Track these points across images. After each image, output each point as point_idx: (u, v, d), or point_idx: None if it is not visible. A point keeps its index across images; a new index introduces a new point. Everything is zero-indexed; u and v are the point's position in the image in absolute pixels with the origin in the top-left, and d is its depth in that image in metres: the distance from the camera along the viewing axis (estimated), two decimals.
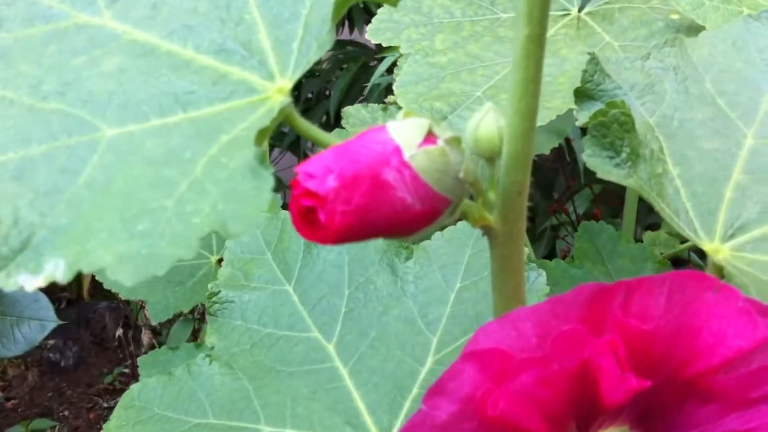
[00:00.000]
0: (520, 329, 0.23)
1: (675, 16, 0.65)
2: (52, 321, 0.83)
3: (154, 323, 1.12)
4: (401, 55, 0.67)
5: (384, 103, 1.00)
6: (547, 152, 0.79)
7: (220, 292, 0.50)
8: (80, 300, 1.81)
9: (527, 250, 0.59)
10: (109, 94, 0.24)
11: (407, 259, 0.51)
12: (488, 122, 0.25)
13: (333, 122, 1.66)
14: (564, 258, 0.76)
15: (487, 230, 0.26)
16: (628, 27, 0.65)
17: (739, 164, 0.32)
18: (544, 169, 1.44)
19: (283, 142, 1.77)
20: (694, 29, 0.60)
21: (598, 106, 0.33)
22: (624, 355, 0.22)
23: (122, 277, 0.20)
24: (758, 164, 0.32)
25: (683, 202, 0.31)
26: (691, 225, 0.30)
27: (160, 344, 1.64)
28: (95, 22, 0.26)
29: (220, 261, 0.73)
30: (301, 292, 0.50)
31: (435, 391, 0.22)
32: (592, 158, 0.30)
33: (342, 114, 1.06)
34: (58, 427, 1.69)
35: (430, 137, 0.22)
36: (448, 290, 0.51)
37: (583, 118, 0.33)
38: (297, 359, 0.49)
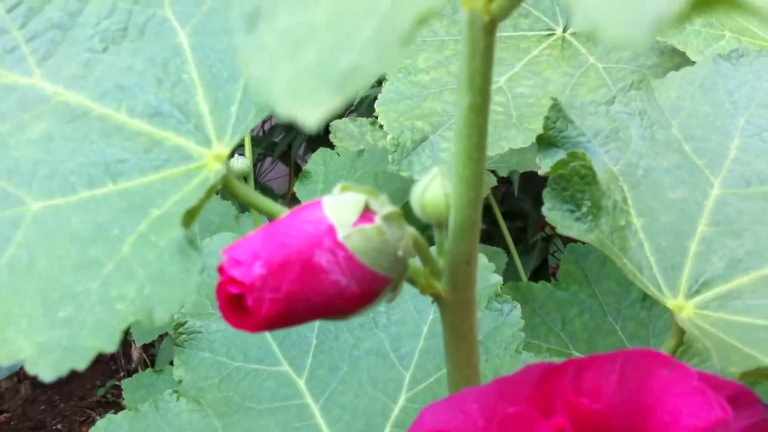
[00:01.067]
0: (467, 411, 0.22)
1: (659, 38, 0.65)
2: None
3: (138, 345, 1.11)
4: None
5: (374, 117, 0.99)
6: (536, 168, 0.78)
7: (186, 321, 0.49)
8: None
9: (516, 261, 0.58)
10: (35, 163, 0.23)
11: None
12: (434, 188, 0.24)
13: (323, 135, 1.65)
14: (554, 273, 0.75)
15: (437, 298, 0.25)
16: (612, 48, 0.64)
17: (704, 215, 0.31)
18: (536, 180, 1.43)
19: (274, 151, 1.76)
20: (678, 52, 0.59)
21: (561, 153, 0.32)
22: None
23: (41, 372, 0.19)
24: (724, 215, 0.31)
25: (647, 256, 0.30)
26: (655, 281, 0.29)
27: (152, 357, 1.63)
28: (25, 82, 0.25)
29: None
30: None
31: None
32: (552, 212, 0.29)
33: (330, 128, 1.05)
34: None
35: (366, 214, 0.21)
36: (420, 322, 0.50)
37: (545, 167, 0.32)
38: (267, 395, 0.48)
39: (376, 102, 0.58)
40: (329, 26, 0.11)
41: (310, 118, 0.10)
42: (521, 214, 1.56)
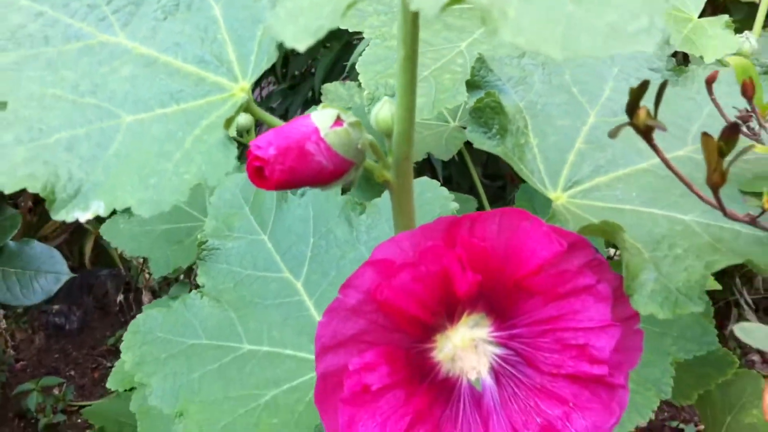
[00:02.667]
0: (402, 246, 0.34)
1: None
2: (65, 274, 0.95)
3: (156, 278, 1.24)
4: None
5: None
6: None
7: (207, 241, 0.62)
8: (83, 268, 1.94)
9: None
10: (125, 92, 0.36)
11: (361, 213, 0.63)
12: (384, 110, 0.37)
13: (318, 98, 1.77)
14: None
15: (387, 184, 0.38)
16: None
17: (581, 136, 0.44)
18: None
19: (273, 115, 1.88)
20: None
21: (482, 93, 0.45)
22: (467, 262, 0.34)
23: (142, 212, 0.32)
24: (595, 137, 0.44)
25: (538, 164, 0.43)
26: (543, 181, 0.42)
27: None
28: (113, 40, 0.38)
29: None
30: (275, 240, 0.62)
31: (346, 285, 0.34)
32: (471, 133, 0.42)
33: (322, 91, 1.17)
34: (65, 384, 1.82)
35: (338, 121, 0.34)
36: None
37: (470, 102, 0.44)
38: (272, 294, 0.61)
39: (357, 64, 0.70)
40: (310, 7, 0.24)
41: (300, 44, 0.23)
42: (501, 175, 1.69)
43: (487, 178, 1.70)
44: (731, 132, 0.30)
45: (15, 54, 0.36)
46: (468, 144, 0.97)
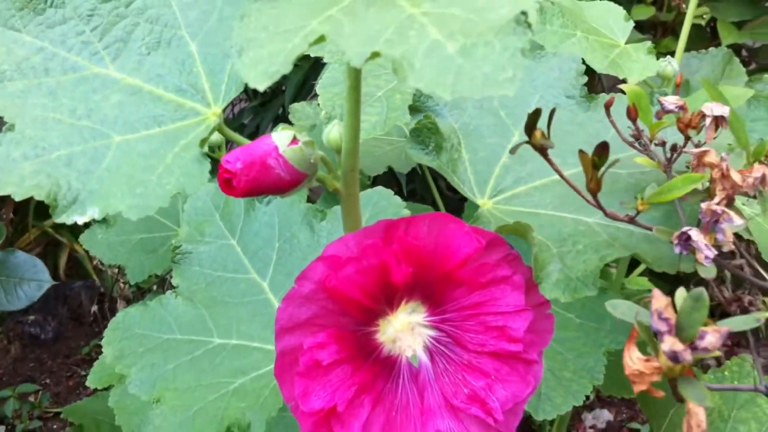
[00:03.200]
0: (348, 244, 0.41)
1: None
2: (47, 282, 1.00)
3: (131, 286, 1.29)
4: None
5: None
6: None
7: (181, 245, 0.68)
8: (57, 279, 1.97)
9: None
10: (115, 116, 0.42)
11: (322, 219, 0.70)
12: (334, 131, 0.44)
13: (285, 116, 1.84)
14: None
15: (337, 192, 0.45)
16: None
17: (506, 152, 0.52)
18: None
19: (243, 132, 1.94)
20: (539, 45, 0.79)
21: (421, 116, 0.52)
22: (402, 257, 0.41)
23: (131, 215, 0.39)
24: (518, 153, 0.51)
25: (468, 176, 0.50)
26: (472, 190, 0.50)
27: None
28: (105, 72, 0.44)
29: None
30: (243, 245, 0.68)
31: (301, 277, 0.41)
32: (411, 150, 0.49)
33: (290, 110, 1.24)
34: (41, 392, 1.85)
35: (295, 140, 0.41)
36: None
37: (412, 124, 0.52)
38: (240, 293, 0.67)
39: (317, 86, 0.77)
40: (269, 57, 0.31)
41: (261, 86, 0.30)
42: None
43: (450, 191, 1.78)
44: (602, 149, 0.37)
45: (21, 83, 0.43)
46: None
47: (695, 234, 0.37)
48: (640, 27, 1.47)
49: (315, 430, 0.42)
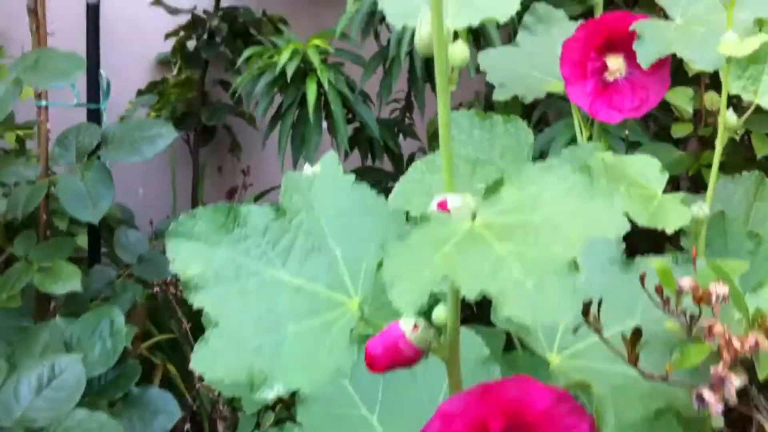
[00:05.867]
0: (453, 401, 0.57)
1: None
2: (176, 414, 1.20)
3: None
4: None
5: None
6: None
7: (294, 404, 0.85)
8: None
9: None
10: (288, 311, 0.60)
11: None
12: (441, 312, 0.61)
13: None
14: None
15: (443, 358, 0.61)
16: None
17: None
18: None
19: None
20: None
21: None
22: (497, 413, 0.57)
23: (307, 389, 0.56)
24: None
25: (539, 334, 0.66)
26: (542, 347, 0.66)
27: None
28: (277, 275, 0.62)
29: None
30: (354, 383, 0.84)
31: (425, 429, 0.57)
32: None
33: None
34: None
35: (416, 327, 0.58)
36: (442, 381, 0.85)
37: None
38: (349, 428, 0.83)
39: None
40: (410, 289, 0.48)
41: (409, 310, 0.47)
42: None
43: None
44: (636, 334, 0.53)
45: (220, 287, 0.61)
46: None
47: (707, 394, 0.52)
48: (680, 141, 1.62)
49: None
